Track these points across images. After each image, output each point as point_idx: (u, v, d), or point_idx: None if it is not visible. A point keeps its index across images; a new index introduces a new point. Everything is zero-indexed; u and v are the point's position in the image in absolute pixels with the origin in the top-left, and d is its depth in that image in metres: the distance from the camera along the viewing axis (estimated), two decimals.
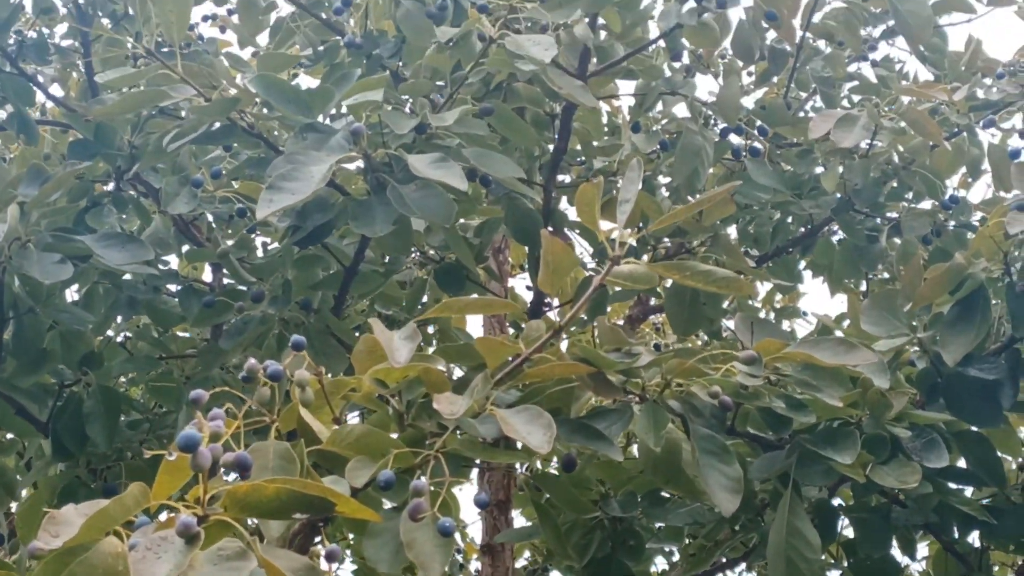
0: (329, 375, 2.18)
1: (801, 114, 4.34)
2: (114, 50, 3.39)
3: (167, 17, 2.82)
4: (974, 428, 2.93)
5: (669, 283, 3.70)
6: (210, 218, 3.70)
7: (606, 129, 4.32)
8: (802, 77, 4.18)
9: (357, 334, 4.01)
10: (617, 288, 2.85)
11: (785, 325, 5.30)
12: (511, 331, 5.05)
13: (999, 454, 2.98)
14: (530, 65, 2.89)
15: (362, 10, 3.78)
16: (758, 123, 3.86)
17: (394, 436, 2.20)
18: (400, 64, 3.78)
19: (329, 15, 3.92)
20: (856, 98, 4.29)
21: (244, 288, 3.47)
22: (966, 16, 4.46)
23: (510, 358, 2.27)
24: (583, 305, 2.37)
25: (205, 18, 4.22)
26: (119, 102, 2.87)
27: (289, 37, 4.16)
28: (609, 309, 5.00)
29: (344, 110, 3.14)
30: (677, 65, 3.76)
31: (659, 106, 3.88)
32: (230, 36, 4.57)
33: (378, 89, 2.88)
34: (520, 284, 4.89)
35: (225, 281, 3.94)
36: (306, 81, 4.52)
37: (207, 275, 4.31)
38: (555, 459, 4.21)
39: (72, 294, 3.62)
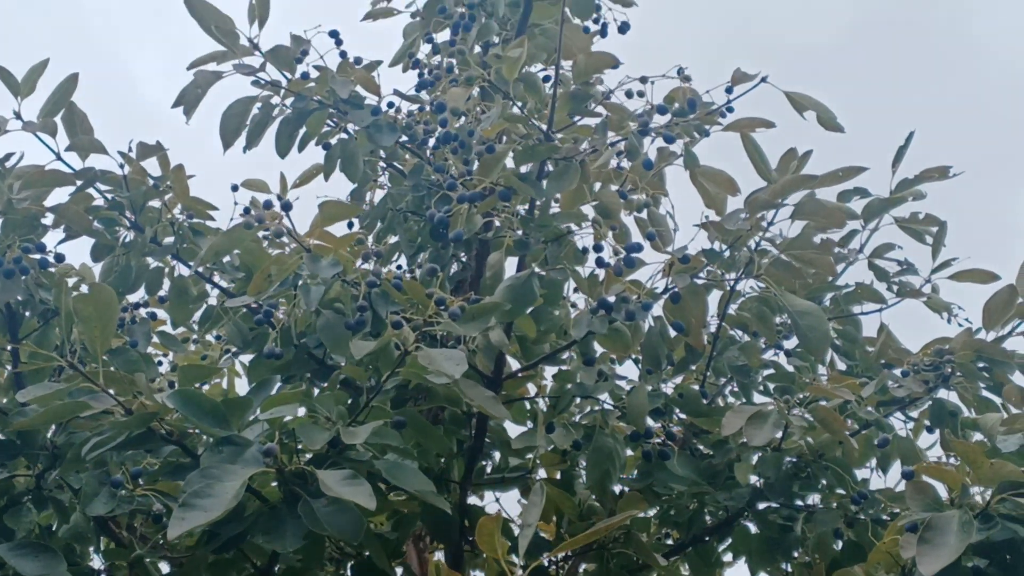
0: None
1: (720, 400, 4.44)
2: (37, 363, 3.46)
3: (91, 333, 2.90)
4: None
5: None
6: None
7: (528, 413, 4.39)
8: (719, 364, 4.28)
9: None
10: None
11: None
12: None
13: None
14: (443, 378, 2.98)
15: (290, 304, 3.88)
16: (674, 417, 3.94)
17: None
18: (325, 352, 3.86)
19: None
20: (772, 386, 4.39)
21: None
22: (878, 305, 4.65)
23: None
24: None
25: (136, 305, 4.30)
26: (41, 415, 2.93)
27: (219, 321, 4.25)
28: None
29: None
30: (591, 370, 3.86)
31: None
32: (163, 315, 4.66)
33: (294, 404, 2.96)
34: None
35: None
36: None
37: None
38: None
39: None
